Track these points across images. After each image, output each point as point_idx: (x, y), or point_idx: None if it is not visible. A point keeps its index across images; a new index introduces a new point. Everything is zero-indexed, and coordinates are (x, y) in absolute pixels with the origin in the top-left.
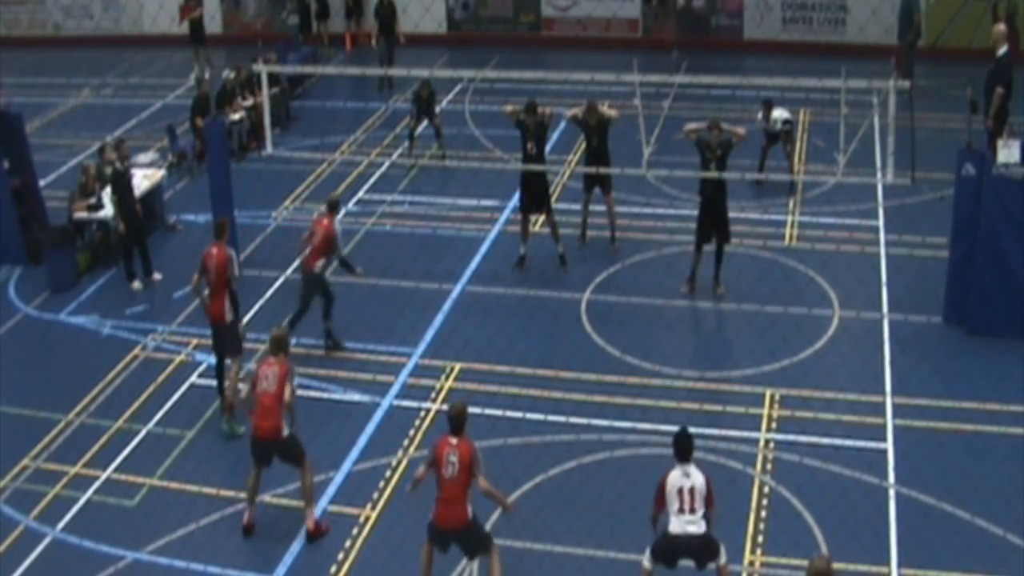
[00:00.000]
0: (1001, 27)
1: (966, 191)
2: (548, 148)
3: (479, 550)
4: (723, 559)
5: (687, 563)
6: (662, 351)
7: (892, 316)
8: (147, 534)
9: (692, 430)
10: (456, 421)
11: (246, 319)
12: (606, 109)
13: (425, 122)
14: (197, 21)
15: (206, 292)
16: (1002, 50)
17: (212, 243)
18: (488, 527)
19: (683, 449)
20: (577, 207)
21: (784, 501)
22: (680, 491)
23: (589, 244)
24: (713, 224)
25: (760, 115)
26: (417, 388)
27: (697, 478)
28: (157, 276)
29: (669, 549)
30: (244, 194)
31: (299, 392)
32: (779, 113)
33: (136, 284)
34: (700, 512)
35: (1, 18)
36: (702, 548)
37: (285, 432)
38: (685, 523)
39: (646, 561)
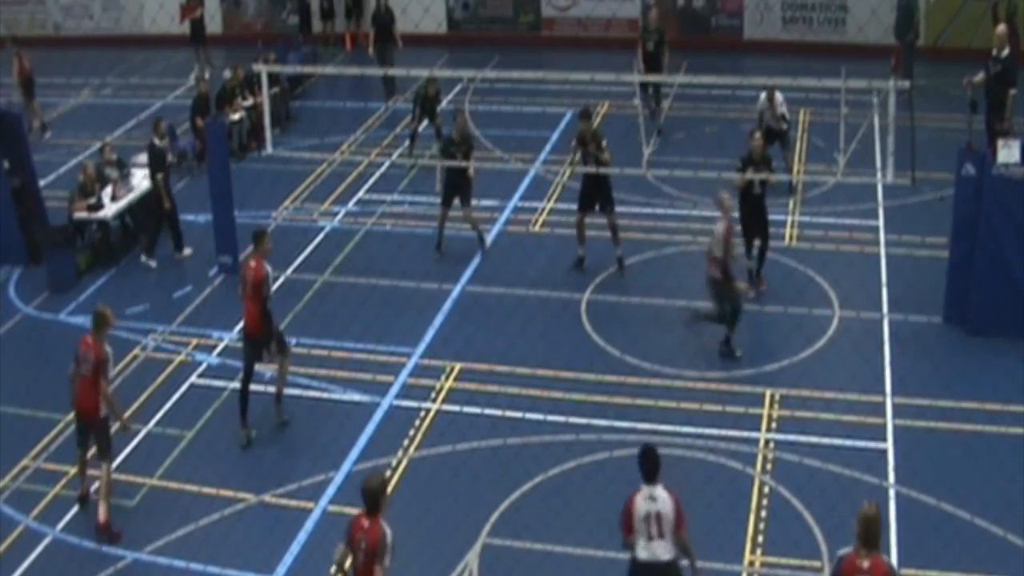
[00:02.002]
0: (1003, 28)
1: (966, 191)
2: (549, 149)
3: None
4: None
5: None
6: (662, 351)
7: (892, 316)
8: (147, 534)
9: (692, 430)
10: (370, 497)
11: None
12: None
13: (425, 122)
14: (198, 21)
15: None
16: (1006, 51)
17: (251, 255)
18: (488, 527)
19: (649, 469)
20: (576, 207)
21: (784, 501)
22: (647, 517)
23: (592, 243)
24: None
25: (763, 96)
26: (417, 388)
27: (664, 503)
28: (188, 251)
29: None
30: (244, 194)
31: (299, 392)
32: (781, 98)
33: (187, 251)
34: (668, 537)
35: (1, 18)
36: (671, 573)
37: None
38: (654, 549)
39: None
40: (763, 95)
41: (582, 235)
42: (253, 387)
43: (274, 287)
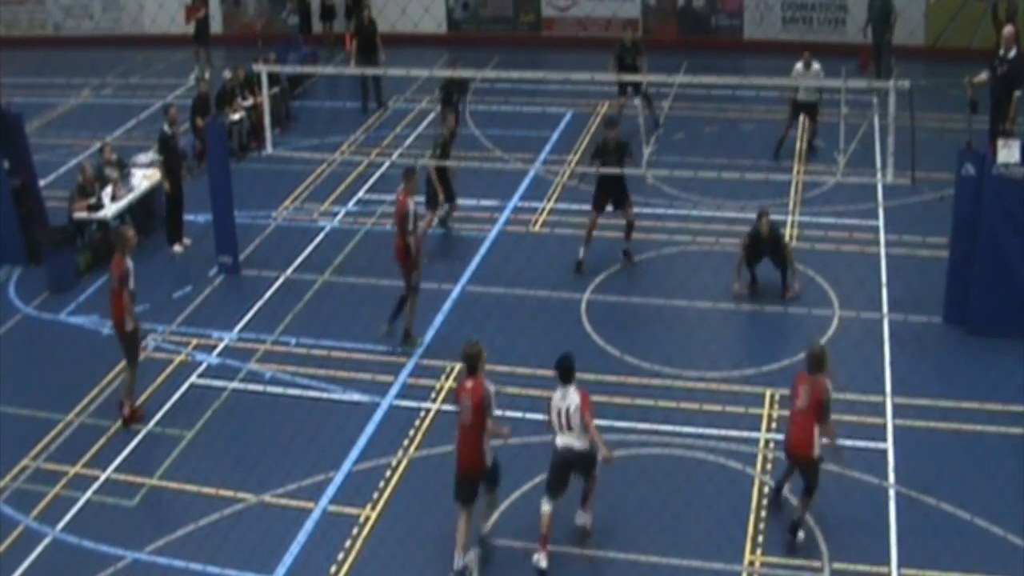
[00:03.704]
0: (1011, 29)
1: (966, 191)
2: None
3: (489, 485)
4: (596, 471)
5: None
6: (662, 351)
7: (892, 316)
8: (147, 534)
9: (692, 430)
10: (468, 361)
11: (246, 319)
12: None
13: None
14: (202, 21)
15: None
16: (1013, 52)
17: (400, 191)
18: (488, 527)
19: (562, 373)
20: (577, 206)
21: (784, 501)
22: (559, 413)
23: (592, 243)
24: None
25: (799, 65)
26: (417, 388)
27: (572, 400)
28: (187, 241)
29: (557, 463)
30: (244, 194)
31: (299, 392)
32: (818, 66)
33: (177, 248)
34: (578, 430)
35: (1, 18)
36: (583, 460)
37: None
38: (567, 439)
39: (544, 505)
40: (799, 64)
41: (591, 236)
42: (253, 387)
43: (274, 287)
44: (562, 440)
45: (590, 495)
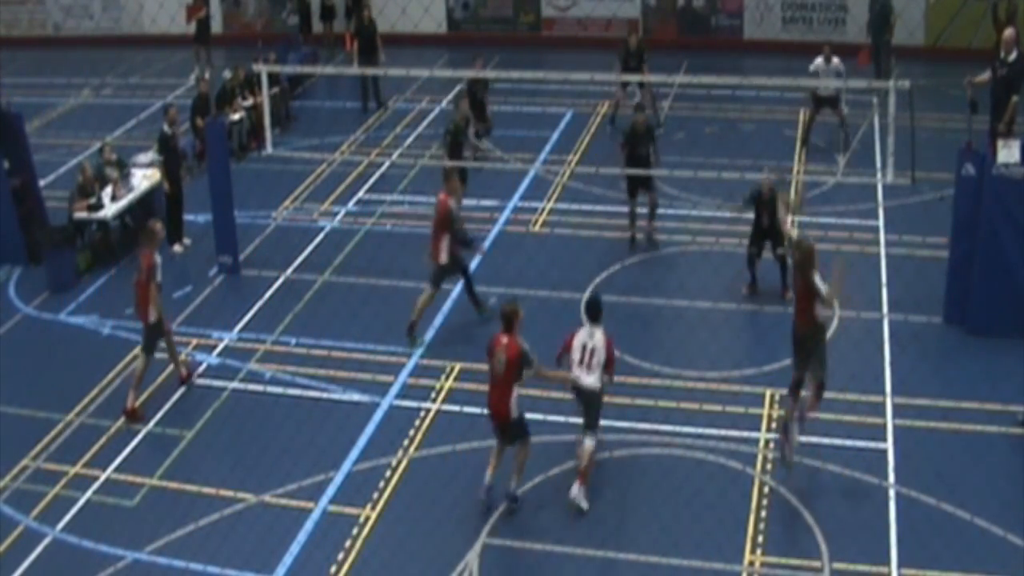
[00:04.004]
0: (1011, 32)
1: (966, 191)
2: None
3: (517, 440)
4: (598, 424)
5: None
6: (662, 351)
7: (892, 316)
8: (147, 534)
9: (692, 430)
10: (505, 318)
11: (246, 319)
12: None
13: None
14: (203, 21)
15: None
16: (1013, 55)
17: (441, 191)
18: (488, 527)
19: (592, 312)
20: (577, 206)
21: (784, 501)
22: (583, 348)
23: (592, 243)
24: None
25: (819, 59)
26: (417, 388)
27: (599, 342)
28: (187, 241)
29: (575, 395)
30: (244, 194)
31: (299, 392)
32: (838, 60)
33: (177, 248)
34: (597, 371)
35: (1, 18)
36: (591, 399)
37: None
38: (582, 374)
39: (588, 440)
40: (819, 58)
41: (634, 220)
42: (253, 387)
43: (274, 287)
44: (577, 374)
45: (585, 464)
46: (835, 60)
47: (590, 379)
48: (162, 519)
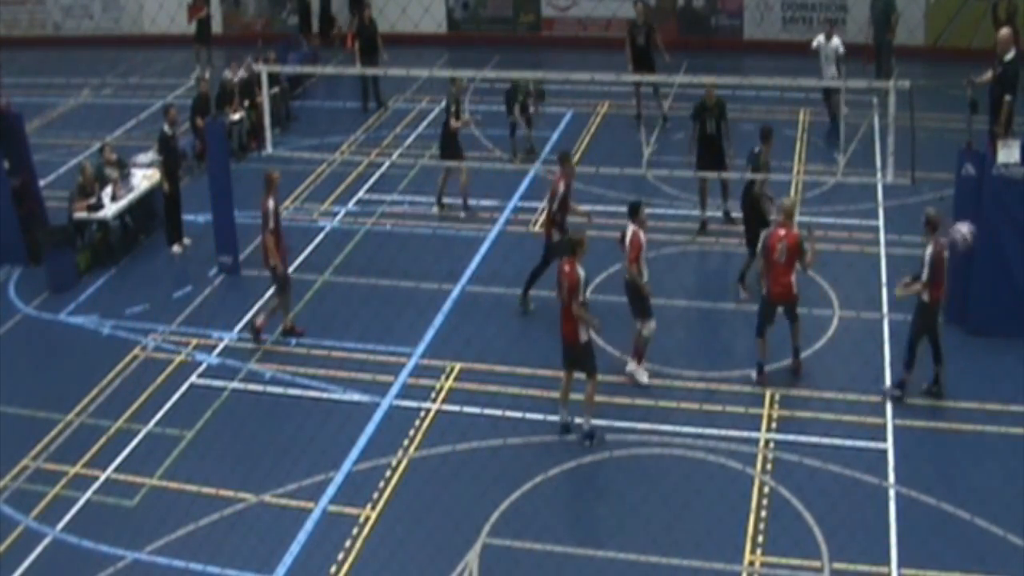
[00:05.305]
0: (1007, 32)
1: (966, 191)
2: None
3: (585, 369)
4: (643, 313)
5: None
6: (662, 351)
7: (892, 316)
8: (147, 534)
9: (692, 430)
10: (569, 245)
11: (245, 319)
12: None
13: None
14: (204, 21)
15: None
16: (1009, 55)
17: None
18: (488, 527)
19: (629, 209)
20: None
21: (784, 501)
22: (622, 242)
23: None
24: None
25: (821, 36)
26: (417, 388)
27: (627, 232)
28: (187, 241)
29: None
30: (244, 194)
31: (299, 392)
32: (838, 40)
33: (176, 248)
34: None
35: (1, 18)
36: (627, 290)
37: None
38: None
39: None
40: (821, 35)
41: (705, 198)
42: (253, 387)
43: (274, 287)
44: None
45: (637, 346)
46: (836, 39)
47: (627, 273)
48: (162, 519)
